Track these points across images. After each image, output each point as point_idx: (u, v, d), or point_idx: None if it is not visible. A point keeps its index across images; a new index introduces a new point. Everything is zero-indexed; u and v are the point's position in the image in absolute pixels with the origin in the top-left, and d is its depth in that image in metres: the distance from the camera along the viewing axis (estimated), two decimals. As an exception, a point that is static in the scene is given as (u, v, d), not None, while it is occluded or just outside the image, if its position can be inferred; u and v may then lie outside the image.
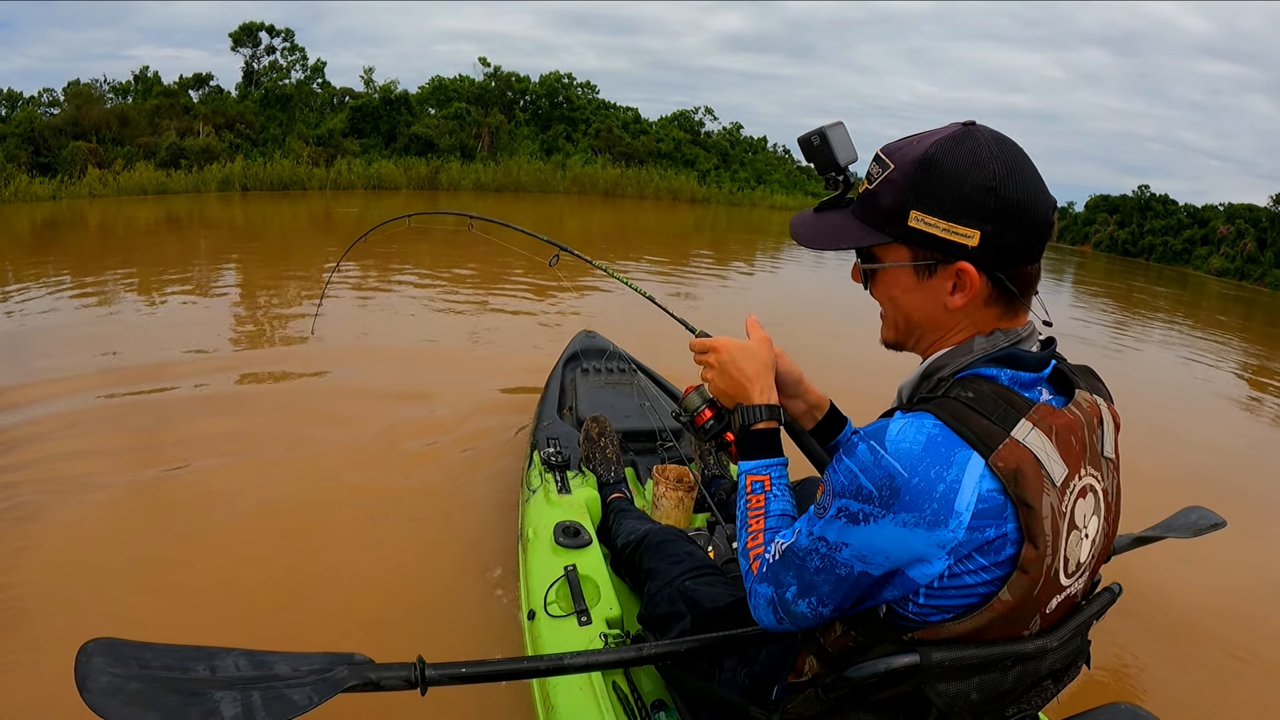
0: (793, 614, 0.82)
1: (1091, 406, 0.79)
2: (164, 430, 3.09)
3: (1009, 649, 0.75)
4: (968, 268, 0.74)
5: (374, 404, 3.53)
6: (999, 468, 0.67)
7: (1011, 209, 0.72)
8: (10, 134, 17.26)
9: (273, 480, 2.73)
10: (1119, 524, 0.85)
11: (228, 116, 19.62)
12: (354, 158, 20.00)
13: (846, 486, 0.72)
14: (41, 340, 4.37)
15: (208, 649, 0.90)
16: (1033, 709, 0.86)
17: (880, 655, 0.75)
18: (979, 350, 0.78)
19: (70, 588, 2.01)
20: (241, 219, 12.72)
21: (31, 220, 11.20)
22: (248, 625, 1.90)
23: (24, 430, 2.98)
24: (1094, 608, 0.84)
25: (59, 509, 2.41)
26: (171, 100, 19.56)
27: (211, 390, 3.61)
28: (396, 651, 1.02)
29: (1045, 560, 0.70)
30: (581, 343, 3.02)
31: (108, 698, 0.79)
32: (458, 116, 22.38)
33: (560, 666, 1.02)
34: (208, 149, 18.02)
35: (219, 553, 2.22)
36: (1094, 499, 0.77)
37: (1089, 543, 0.77)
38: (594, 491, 1.97)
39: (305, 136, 20.04)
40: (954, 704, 0.75)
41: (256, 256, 8.58)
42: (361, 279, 7.10)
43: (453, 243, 9.06)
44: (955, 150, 0.74)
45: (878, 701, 0.79)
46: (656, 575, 1.40)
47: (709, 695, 1.12)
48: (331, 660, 0.91)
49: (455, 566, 2.24)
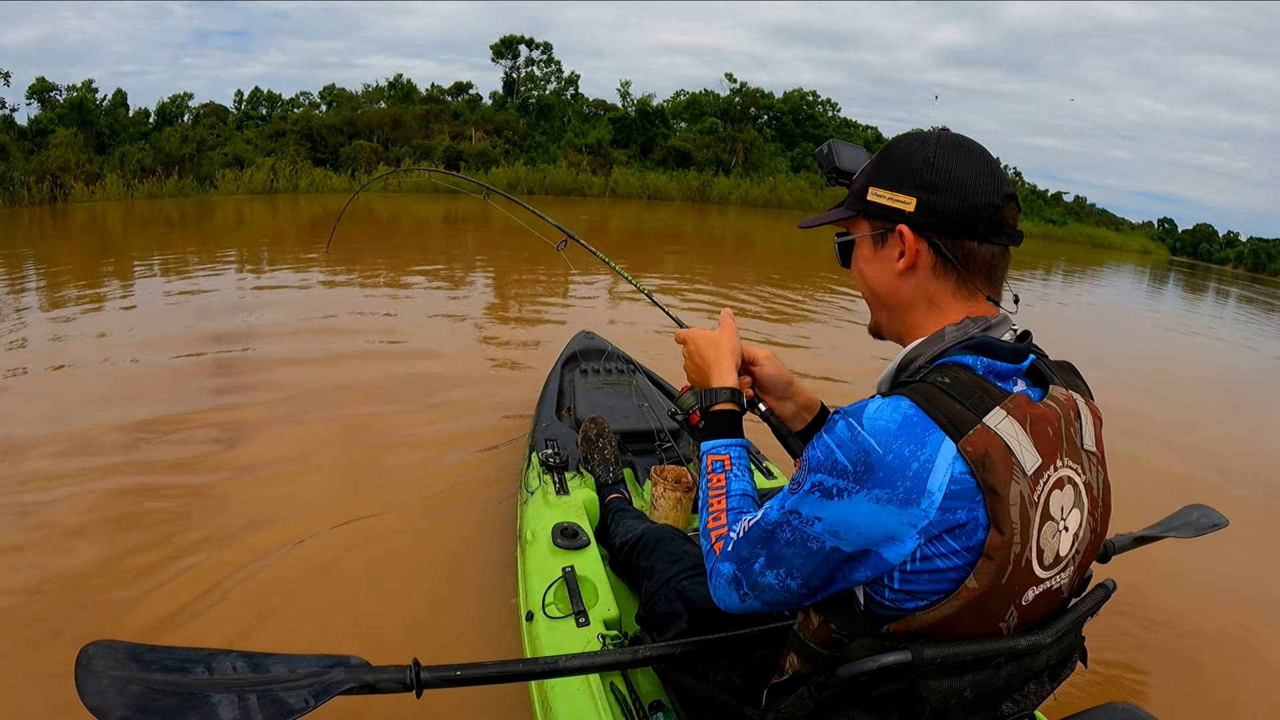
0: (759, 587, 0.82)
1: (1068, 400, 0.80)
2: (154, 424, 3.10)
3: (1002, 645, 0.75)
4: (905, 230, 0.82)
5: (372, 403, 3.54)
6: (967, 452, 0.69)
7: (946, 180, 0.80)
8: (289, 131, 20.40)
9: (267, 480, 2.74)
10: (1109, 519, 0.85)
11: (495, 123, 20.87)
12: (622, 167, 21.59)
13: (823, 461, 0.74)
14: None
15: (206, 651, 0.91)
16: (1028, 706, 0.86)
17: (871, 653, 0.75)
18: (951, 338, 0.80)
19: (68, 590, 2.02)
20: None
21: (325, 208, 13.71)
22: (245, 626, 1.90)
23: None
24: (1087, 604, 0.84)
25: (56, 511, 2.42)
26: (440, 106, 21.89)
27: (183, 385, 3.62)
28: (395, 653, 1.03)
29: (1012, 548, 0.71)
30: (580, 343, 3.02)
31: (107, 700, 0.79)
32: (711, 131, 23.22)
33: (556, 669, 1.03)
34: (484, 153, 20.12)
35: (217, 554, 2.22)
36: (1073, 491, 0.77)
37: (1069, 535, 0.77)
38: (592, 492, 1.97)
39: (576, 145, 21.50)
40: (947, 701, 0.75)
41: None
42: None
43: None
44: (909, 137, 0.86)
45: (871, 699, 0.79)
46: (654, 574, 1.40)
47: (706, 696, 1.12)
48: (328, 662, 0.91)
49: (453, 567, 2.24)
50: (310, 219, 13.42)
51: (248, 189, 17.13)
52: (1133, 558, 1.86)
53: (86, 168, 15.43)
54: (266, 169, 17.80)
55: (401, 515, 2.53)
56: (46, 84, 18.74)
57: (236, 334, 4.72)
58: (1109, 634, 2.15)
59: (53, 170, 14.79)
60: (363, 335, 4.92)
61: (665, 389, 2.72)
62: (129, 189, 15.51)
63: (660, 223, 15.84)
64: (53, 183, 14.61)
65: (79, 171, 15.08)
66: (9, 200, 13.86)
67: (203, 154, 17.48)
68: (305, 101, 22.74)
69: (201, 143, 17.95)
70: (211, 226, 12.13)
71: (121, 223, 11.98)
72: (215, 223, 12.58)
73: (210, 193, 16.58)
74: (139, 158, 16.72)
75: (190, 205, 14.88)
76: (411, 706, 1.15)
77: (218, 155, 17.76)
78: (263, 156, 18.46)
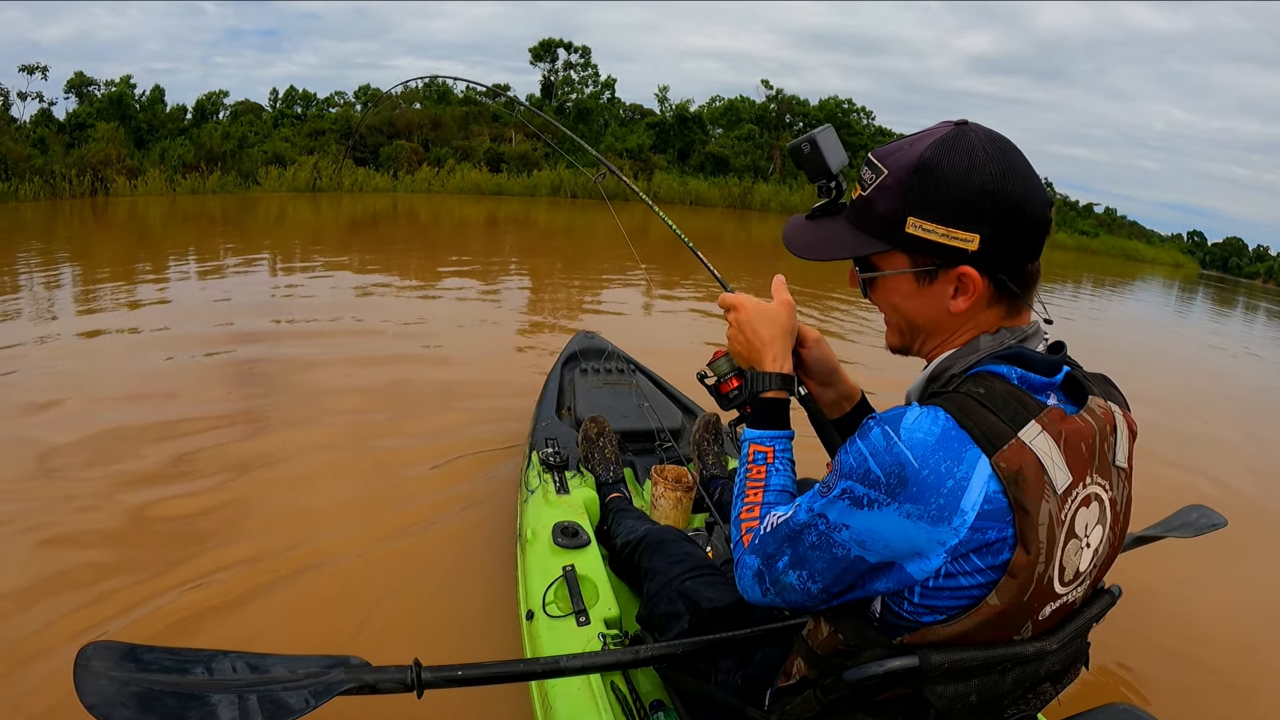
0: (780, 585, 0.80)
1: (1105, 413, 0.77)
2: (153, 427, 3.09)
3: (1009, 651, 0.74)
4: (970, 272, 0.74)
5: (370, 404, 3.54)
6: (1001, 468, 0.67)
7: (1010, 210, 0.72)
8: (328, 129, 20.67)
9: (265, 482, 2.73)
10: (1127, 531, 0.84)
11: (535, 126, 21.22)
12: (663, 172, 21.85)
13: (855, 469, 0.71)
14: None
15: (206, 652, 0.91)
16: (1031, 710, 0.85)
17: (878, 657, 0.75)
18: (985, 349, 0.77)
19: (67, 592, 2.01)
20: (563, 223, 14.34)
21: (367, 208, 14.03)
22: (244, 628, 1.89)
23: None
24: (1093, 610, 0.83)
25: (55, 510, 2.41)
26: (480, 108, 22.21)
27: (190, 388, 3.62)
28: (395, 653, 1.02)
29: (1037, 567, 0.69)
30: (580, 343, 3.02)
31: (106, 701, 0.79)
32: (749, 138, 23.31)
33: (556, 669, 1.03)
34: (525, 156, 20.40)
35: (215, 555, 2.22)
36: (1099, 508, 0.75)
37: (1090, 552, 0.76)
38: (592, 492, 1.97)
39: (616, 149, 21.68)
40: (953, 705, 0.75)
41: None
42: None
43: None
44: (950, 153, 0.73)
45: (877, 703, 0.79)
46: (656, 575, 1.40)
47: (707, 696, 1.11)
48: (328, 663, 0.91)
49: (453, 567, 2.24)
50: (351, 218, 13.55)
51: (291, 186, 17.29)
52: (1136, 560, 1.86)
53: (128, 162, 15.59)
54: (309, 167, 17.94)
55: (401, 515, 2.52)
56: (85, 78, 18.99)
57: (260, 333, 4.79)
58: (1108, 634, 2.14)
59: (93, 164, 14.90)
60: (386, 337, 4.92)
61: (665, 389, 2.72)
62: (172, 184, 15.65)
63: (702, 228, 15.74)
64: (93, 176, 14.73)
65: (120, 166, 15.22)
66: (50, 193, 13.97)
67: (244, 151, 17.60)
68: (341, 101, 23.15)
69: (243, 140, 18.04)
70: (253, 223, 12.16)
71: (163, 218, 12.07)
72: (258, 219, 12.65)
73: (253, 189, 16.73)
74: (179, 153, 16.82)
75: (234, 201, 14.99)
76: (412, 706, 1.14)
77: (257, 153, 17.89)
78: (302, 155, 18.65)
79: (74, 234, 10.23)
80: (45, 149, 15.21)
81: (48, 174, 14.15)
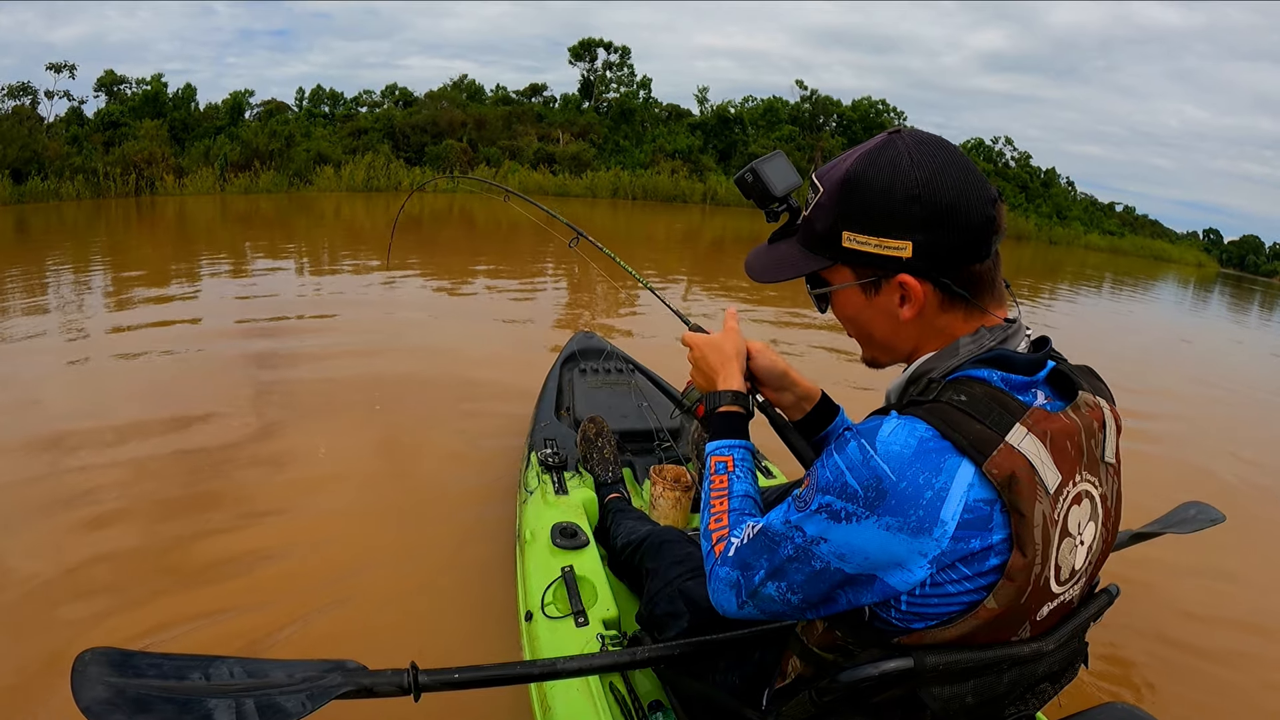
0: (759, 597, 0.80)
1: (1093, 410, 0.77)
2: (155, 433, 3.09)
3: (1005, 652, 0.74)
4: (908, 279, 0.75)
5: (369, 404, 3.53)
6: (993, 475, 0.66)
7: (940, 214, 0.72)
8: (370, 129, 20.51)
9: (262, 484, 2.73)
10: (1119, 526, 0.84)
11: (579, 125, 20.98)
12: (711, 173, 21.71)
13: (832, 483, 0.71)
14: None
15: (203, 657, 0.90)
16: (1030, 710, 0.85)
17: (874, 659, 0.75)
18: (966, 352, 0.77)
19: (65, 594, 2.01)
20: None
21: (425, 206, 14.12)
22: (242, 631, 1.89)
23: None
24: (1091, 609, 0.83)
25: (54, 512, 2.41)
26: (523, 108, 22.18)
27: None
28: (393, 655, 1.02)
29: (1034, 569, 0.70)
30: (579, 343, 3.01)
31: (104, 706, 0.79)
32: (790, 139, 23.38)
33: (554, 671, 1.02)
34: (577, 156, 20.35)
35: (211, 559, 2.22)
36: (1090, 505, 0.76)
37: (1084, 549, 0.76)
38: (591, 492, 1.97)
39: (666, 150, 21.72)
40: (949, 707, 0.75)
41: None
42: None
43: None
44: (874, 164, 0.74)
45: (872, 705, 0.78)
46: (657, 575, 1.40)
47: (705, 696, 1.12)
48: (324, 667, 0.91)
49: (452, 568, 2.24)
50: (409, 217, 13.71)
51: (348, 185, 17.35)
52: (1134, 557, 1.86)
53: (171, 160, 15.58)
54: (364, 166, 18.00)
55: (397, 517, 2.52)
56: (115, 76, 19.01)
57: (277, 330, 4.87)
58: (1107, 634, 2.14)
59: (136, 162, 14.86)
60: (404, 336, 4.96)
61: (664, 388, 2.72)
62: (221, 183, 15.60)
63: (751, 231, 15.49)
64: (138, 175, 14.68)
65: (164, 165, 15.22)
66: (94, 192, 13.90)
67: (291, 149, 17.57)
68: (369, 100, 23.04)
69: (290, 138, 17.99)
70: (320, 224, 12.17)
71: (220, 217, 12.07)
72: (324, 220, 12.66)
73: (305, 189, 16.68)
74: (225, 151, 16.76)
75: (287, 201, 14.91)
76: (410, 709, 1.14)
77: (300, 151, 17.84)
78: (345, 154, 18.70)
79: (143, 236, 10.20)
80: (80, 147, 15.12)
81: (89, 172, 14.06)
